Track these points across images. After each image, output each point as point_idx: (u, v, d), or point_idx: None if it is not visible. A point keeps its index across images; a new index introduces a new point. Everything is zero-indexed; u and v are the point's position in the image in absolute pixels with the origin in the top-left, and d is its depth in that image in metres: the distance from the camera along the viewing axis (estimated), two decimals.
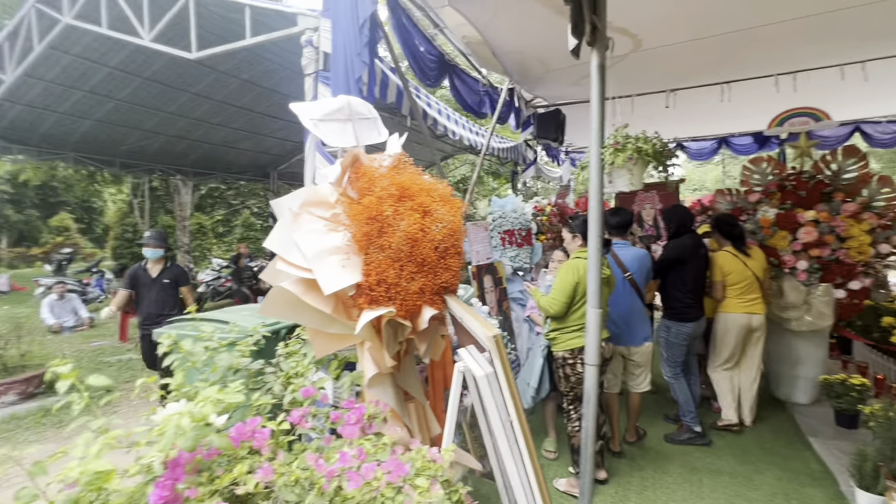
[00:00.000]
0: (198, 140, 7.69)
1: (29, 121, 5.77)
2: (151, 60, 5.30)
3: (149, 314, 3.92)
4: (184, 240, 11.15)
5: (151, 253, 3.93)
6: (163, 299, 3.93)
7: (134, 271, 4.04)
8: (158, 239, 4.02)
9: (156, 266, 3.99)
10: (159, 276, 3.95)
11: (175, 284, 4.01)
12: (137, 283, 3.97)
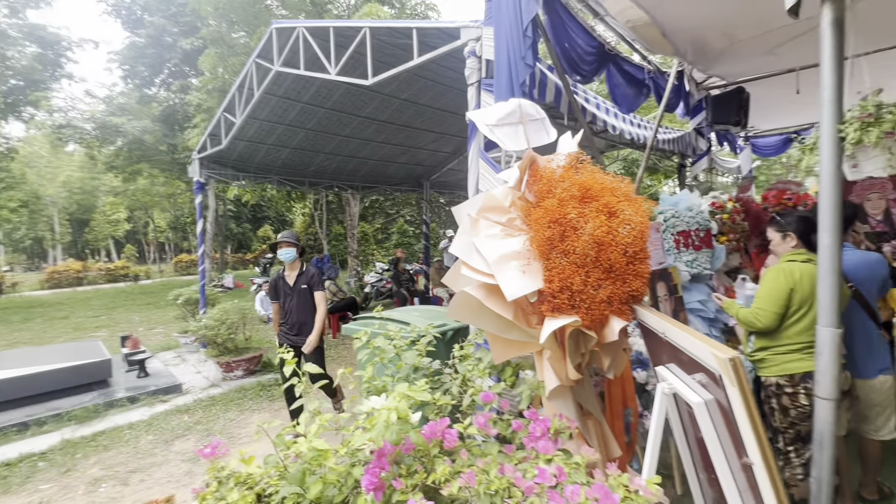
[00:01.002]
0: (365, 157, 8.71)
1: (249, 153, 7.30)
2: (332, 92, 6.19)
3: (291, 324, 3.80)
4: (353, 246, 12.74)
5: (285, 255, 3.71)
6: (302, 307, 3.75)
7: (275, 281, 3.89)
8: (291, 238, 3.78)
9: (292, 272, 3.80)
10: (297, 283, 3.77)
11: (310, 290, 3.76)
12: (279, 292, 3.85)
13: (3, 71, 13.47)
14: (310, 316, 3.74)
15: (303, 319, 3.76)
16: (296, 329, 3.78)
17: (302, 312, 3.75)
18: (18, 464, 3.50)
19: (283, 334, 3.88)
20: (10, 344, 8.02)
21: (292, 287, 3.76)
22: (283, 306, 3.84)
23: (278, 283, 3.85)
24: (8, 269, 26.74)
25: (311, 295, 3.75)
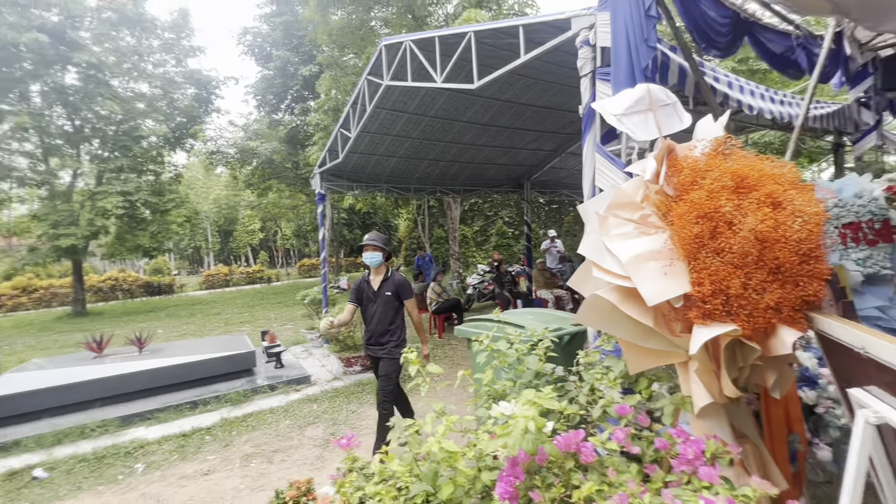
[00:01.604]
0: (466, 161, 8.85)
1: (361, 164, 7.88)
2: (435, 100, 6.39)
3: (372, 332, 3.49)
4: (454, 248, 13.03)
5: (370, 259, 3.40)
6: (384, 315, 3.42)
7: (358, 284, 3.59)
8: (378, 241, 3.44)
9: (377, 277, 3.48)
10: (381, 289, 3.44)
11: (397, 297, 3.44)
12: (361, 297, 3.55)
13: (172, 111, 16.43)
14: (391, 326, 3.44)
15: (383, 329, 3.43)
16: (375, 338, 3.47)
17: (383, 321, 3.41)
18: (192, 435, 4.19)
19: (365, 343, 3.61)
20: (180, 335, 9.69)
21: (376, 293, 3.45)
22: (364, 312, 3.55)
23: (362, 287, 3.55)
24: (177, 273, 32.53)
25: (397, 304, 3.44)
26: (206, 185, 33.55)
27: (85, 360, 5.24)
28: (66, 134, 14.52)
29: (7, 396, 4.34)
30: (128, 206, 13.86)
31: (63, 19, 13.20)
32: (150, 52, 16.06)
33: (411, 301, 3.53)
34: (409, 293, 3.50)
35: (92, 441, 4.10)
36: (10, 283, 17.21)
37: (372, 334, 3.50)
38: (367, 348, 3.61)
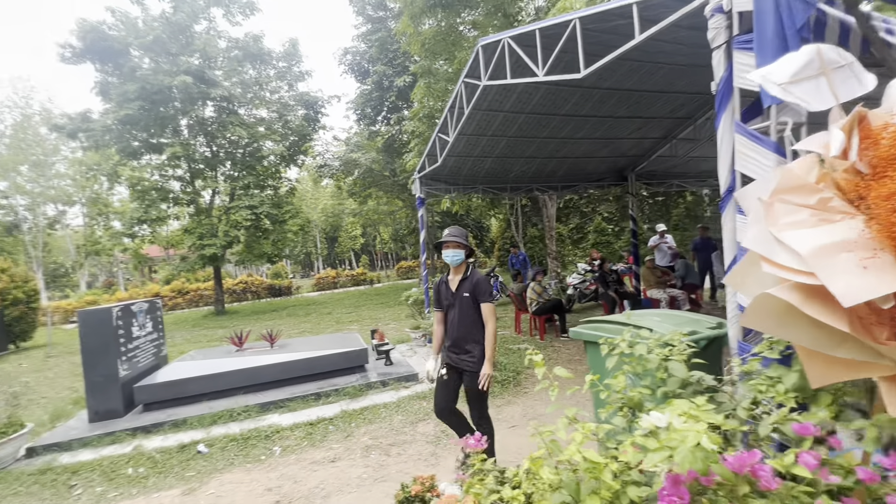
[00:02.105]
0: (564, 157, 8.52)
1: (457, 167, 8.01)
2: (532, 96, 6.24)
3: (454, 339, 3.05)
4: (551, 247, 12.63)
5: (451, 257, 3.01)
6: (465, 319, 2.98)
7: (437, 286, 3.22)
8: (459, 236, 3.04)
9: (456, 276, 3.08)
10: (459, 290, 3.03)
11: (474, 300, 2.98)
12: (440, 299, 3.18)
13: (286, 132, 18.38)
14: (473, 331, 2.98)
15: (464, 335, 2.99)
16: (457, 345, 3.03)
17: (463, 326, 2.99)
18: (317, 424, 4.59)
19: (445, 350, 3.17)
20: (300, 332, 10.74)
21: (454, 294, 3.04)
22: (445, 316, 3.16)
23: (440, 289, 3.16)
24: (292, 277, 36.26)
25: (475, 306, 2.98)
26: (314, 196, 36.98)
27: (229, 353, 6.04)
28: (206, 159, 17.01)
29: (175, 381, 5.17)
30: (254, 218, 15.77)
31: (202, 62, 15.47)
32: (268, 81, 18.13)
33: (489, 306, 2.95)
34: (486, 295, 2.97)
35: (239, 423, 4.70)
36: (169, 286, 20.65)
37: (453, 340, 3.04)
38: (447, 355, 3.12)
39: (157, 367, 5.88)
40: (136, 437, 4.51)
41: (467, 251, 3.07)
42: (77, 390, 6.86)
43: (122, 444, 4.40)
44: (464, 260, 3.07)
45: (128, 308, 5.33)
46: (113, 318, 4.94)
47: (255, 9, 17.25)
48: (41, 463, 4.13)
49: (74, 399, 6.29)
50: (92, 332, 4.84)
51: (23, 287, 12.80)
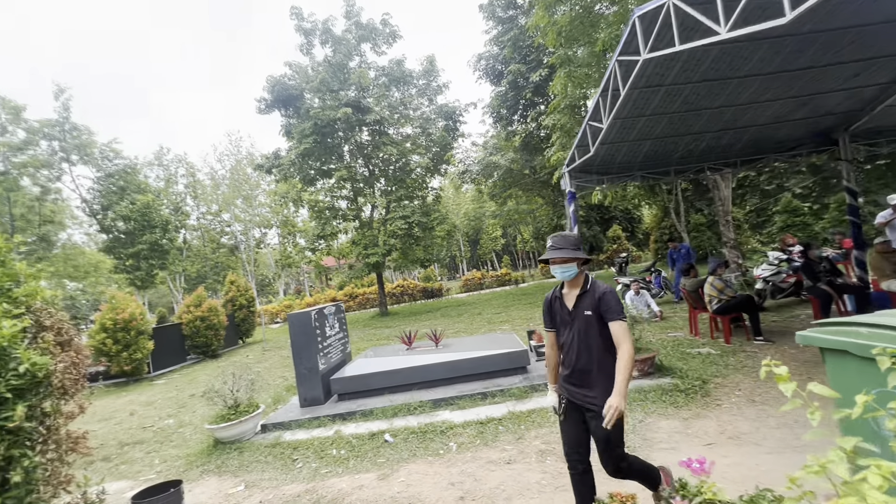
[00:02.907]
0: (744, 126, 7.19)
1: (610, 155, 7.40)
2: (700, 63, 5.38)
3: (570, 367, 2.49)
4: (728, 234, 10.80)
5: (561, 273, 2.48)
6: (586, 344, 2.43)
7: (549, 301, 2.65)
8: (565, 245, 2.48)
9: (572, 290, 2.52)
10: (578, 307, 2.47)
11: (599, 319, 2.41)
12: (554, 318, 2.63)
13: (429, 144, 19.63)
14: (599, 358, 2.39)
15: (586, 363, 2.42)
16: (577, 376, 2.46)
17: (585, 351, 2.42)
18: (487, 424, 4.66)
19: (562, 381, 2.59)
20: (455, 332, 11.25)
21: (571, 313, 2.49)
22: (560, 339, 2.59)
23: (553, 306, 2.62)
24: (440, 279, 38.55)
25: (600, 326, 2.40)
26: (456, 202, 38.79)
27: (401, 351, 6.60)
28: (365, 178, 19.19)
29: (361, 376, 5.85)
30: (406, 226, 17.19)
31: (357, 93, 17.52)
32: (411, 100, 19.63)
33: (621, 325, 2.33)
34: (616, 311, 2.35)
35: (416, 417, 5.07)
36: (342, 291, 23.85)
37: (572, 370, 2.47)
38: (565, 388, 2.54)
39: (343, 362, 6.76)
40: (335, 423, 5.22)
41: (579, 261, 2.46)
42: (287, 379, 8.33)
43: (325, 428, 5.13)
44: (578, 272, 2.48)
45: (321, 311, 6.24)
46: (312, 319, 5.83)
47: (396, 36, 18.88)
48: (272, 438, 5.07)
49: (287, 386, 7.64)
50: (299, 331, 5.78)
51: (245, 295, 16.22)
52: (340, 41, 17.48)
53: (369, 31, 18.21)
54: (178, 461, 5.01)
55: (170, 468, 4.88)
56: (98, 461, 5.39)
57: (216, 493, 4.05)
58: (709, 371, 5.42)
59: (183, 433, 6.13)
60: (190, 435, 5.98)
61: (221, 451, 4.92)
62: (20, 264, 2.97)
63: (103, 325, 10.53)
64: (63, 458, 2.88)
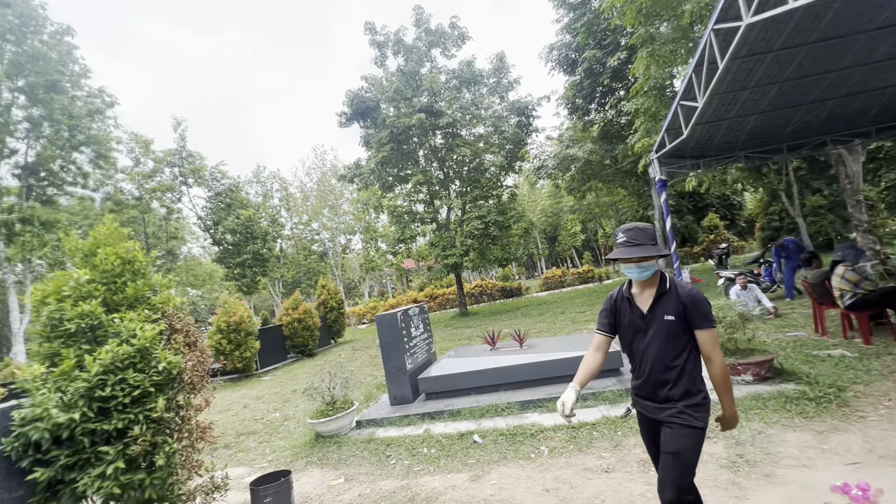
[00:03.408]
0: (879, 87, 6.09)
1: (706, 136, 6.70)
2: (818, 19, 4.65)
3: (646, 380, 2.14)
4: (860, 217, 9.24)
5: (639, 273, 2.10)
6: (664, 353, 2.06)
7: (612, 301, 2.27)
8: (646, 240, 2.08)
9: (646, 289, 2.14)
10: (655, 310, 2.09)
11: (685, 323, 2.04)
12: (619, 320, 2.23)
13: (502, 142, 19.42)
14: (681, 370, 2.05)
15: (663, 374, 2.06)
16: (651, 389, 2.12)
17: (663, 362, 2.06)
18: (580, 429, 4.44)
19: (633, 393, 2.29)
20: (538, 332, 10.96)
21: (645, 316, 2.12)
22: (628, 347, 2.23)
23: (619, 307, 2.24)
24: (518, 278, 37.97)
25: (684, 333, 2.04)
26: (531, 199, 37.98)
27: (485, 352, 6.57)
28: (440, 181, 19.52)
29: (446, 376, 5.92)
30: (483, 226, 17.16)
31: (430, 98, 17.88)
32: (482, 100, 19.58)
33: (712, 333, 2.01)
34: (708, 318, 2.01)
35: (504, 419, 4.99)
36: (423, 292, 24.48)
37: (645, 381, 2.15)
38: (637, 401, 2.26)
39: (429, 362, 6.89)
40: (424, 422, 5.33)
41: (656, 257, 2.08)
42: (377, 377, 8.72)
43: (415, 427, 5.26)
44: (654, 271, 2.12)
45: (406, 312, 6.42)
46: (398, 320, 6.03)
47: (465, 38, 18.97)
48: (366, 434, 5.32)
49: (377, 384, 7.98)
50: (386, 332, 6.01)
51: (335, 297, 17.31)
52: (411, 49, 17.98)
53: (438, 35, 18.51)
54: (286, 452, 5.45)
55: (279, 458, 5.32)
56: (220, 448, 6.06)
57: (319, 483, 4.33)
58: (845, 377, 4.65)
59: (288, 426, 6.67)
60: (294, 428, 6.49)
61: (322, 445, 5.26)
62: (156, 276, 3.43)
63: (219, 326, 11.88)
64: (194, 445, 3.26)
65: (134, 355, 2.79)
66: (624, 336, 2.24)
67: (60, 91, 17.57)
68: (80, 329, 2.79)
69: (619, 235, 2.12)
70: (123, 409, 2.72)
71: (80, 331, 2.80)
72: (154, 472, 2.81)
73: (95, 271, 3.03)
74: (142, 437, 2.71)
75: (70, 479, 2.59)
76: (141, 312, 3.03)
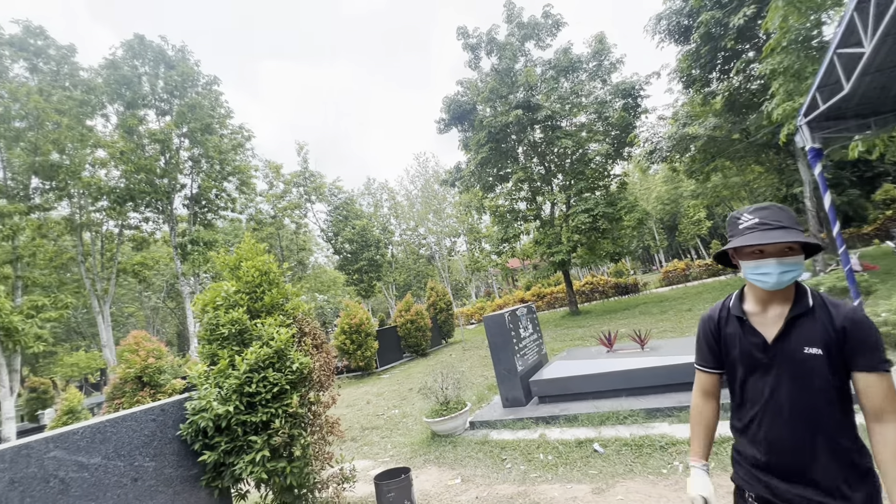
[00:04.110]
0: None
1: (880, 86, 5.38)
2: None
3: (766, 444, 1.39)
4: None
5: (778, 272, 1.34)
6: (800, 401, 1.33)
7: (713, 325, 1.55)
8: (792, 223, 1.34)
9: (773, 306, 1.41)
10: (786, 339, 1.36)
11: (837, 360, 1.29)
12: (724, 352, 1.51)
13: (607, 129, 18.14)
14: (828, 430, 1.30)
15: (801, 439, 1.33)
16: (784, 461, 1.37)
17: (801, 417, 1.33)
18: (721, 444, 3.86)
19: (750, 468, 1.47)
20: (660, 332, 9.95)
21: (770, 347, 1.39)
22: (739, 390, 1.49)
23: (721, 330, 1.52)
24: (633, 273, 35.13)
25: (836, 375, 1.30)
26: (645, 186, 34.87)
27: (601, 354, 6.13)
28: (541, 176, 18.95)
29: (560, 379, 5.65)
30: (590, 220, 16.20)
31: (526, 92, 17.48)
32: (582, 86, 18.54)
33: (884, 379, 1.26)
34: (879, 354, 1.27)
35: (627, 427, 4.58)
36: (529, 291, 24.00)
37: (770, 448, 1.39)
38: (758, 479, 1.43)
39: (540, 363, 6.66)
40: (538, 426, 5.15)
41: (807, 252, 1.37)
42: (487, 378, 8.72)
43: (529, 431, 5.11)
44: (796, 274, 1.36)
45: (514, 312, 6.29)
46: (506, 321, 5.93)
47: (560, 25, 18.18)
48: (480, 435, 5.31)
49: (488, 385, 7.98)
50: (495, 333, 5.95)
51: (443, 299, 17.85)
52: (504, 47, 17.78)
53: (531, 28, 18.02)
54: (405, 448, 5.71)
55: (399, 453, 5.59)
56: (348, 441, 6.59)
57: (437, 482, 4.43)
58: None
59: (406, 423, 6.99)
60: (412, 425, 6.78)
61: (438, 444, 5.39)
62: (287, 285, 3.83)
63: (342, 328, 13.03)
64: (325, 438, 3.55)
65: (272, 356, 3.13)
66: (732, 373, 1.48)
67: (212, 132, 21.01)
68: (231, 333, 3.23)
69: (745, 218, 1.37)
70: (266, 404, 3.07)
71: (231, 335, 3.24)
72: (293, 461, 3.12)
73: (240, 282, 3.49)
74: (281, 429, 3.03)
75: (230, 463, 3.00)
76: (276, 318, 3.41)
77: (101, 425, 2.68)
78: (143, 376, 6.64)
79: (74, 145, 16.65)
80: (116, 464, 2.67)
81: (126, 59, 19.53)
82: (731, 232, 1.42)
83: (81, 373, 24.53)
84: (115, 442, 2.70)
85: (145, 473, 2.79)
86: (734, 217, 1.43)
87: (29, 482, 2.30)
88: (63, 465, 2.45)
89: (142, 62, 19.89)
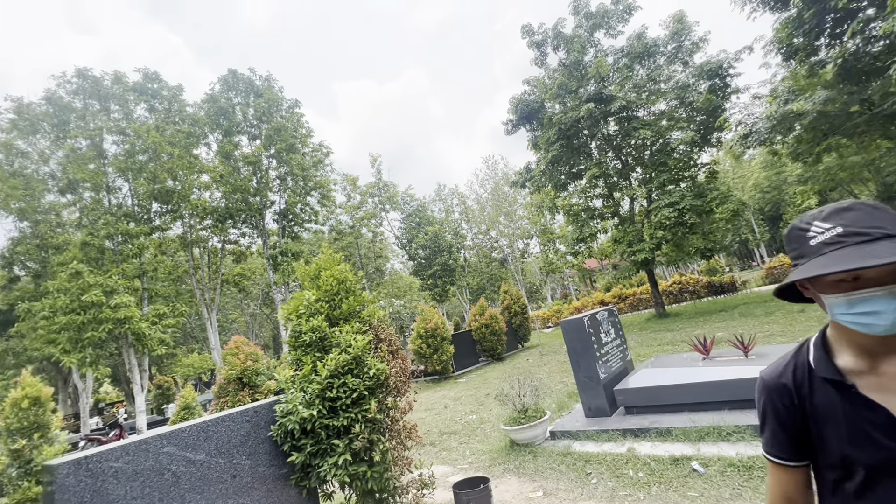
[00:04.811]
0: None
1: None
2: None
3: None
4: None
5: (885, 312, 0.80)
6: None
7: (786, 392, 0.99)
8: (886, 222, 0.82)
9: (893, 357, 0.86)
10: None
11: None
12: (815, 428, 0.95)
13: (691, 114, 16.65)
14: None
15: None
16: None
17: None
18: None
19: None
20: (767, 336, 8.83)
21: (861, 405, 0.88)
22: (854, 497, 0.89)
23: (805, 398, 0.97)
24: (728, 271, 31.79)
25: None
26: (739, 174, 31.49)
27: (695, 361, 5.56)
28: (618, 171, 17.90)
29: (649, 388, 5.20)
30: (676, 214, 14.93)
31: (597, 84, 16.65)
32: (660, 71, 17.23)
33: None
34: None
35: (731, 445, 4.08)
36: (610, 293, 22.73)
37: None
38: None
39: (625, 370, 6.21)
40: (626, 439, 4.78)
41: None
42: (567, 385, 8.34)
43: (616, 444, 4.75)
44: None
45: (593, 316, 5.94)
46: (585, 326, 5.61)
47: (632, 9, 17.12)
48: (561, 447, 5.06)
49: (568, 392, 7.62)
50: (574, 338, 5.66)
51: (518, 302, 17.52)
52: (572, 39, 17.12)
53: (600, 16, 17.16)
54: (483, 455, 5.61)
55: (477, 460, 5.51)
56: (427, 445, 6.65)
57: (517, 494, 4.27)
58: None
59: (484, 429, 6.90)
60: (490, 432, 6.67)
61: (518, 453, 5.23)
62: (364, 293, 3.95)
63: (419, 332, 13.30)
64: (404, 443, 3.59)
65: (351, 362, 3.23)
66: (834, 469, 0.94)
67: (296, 151, 22.76)
68: (312, 340, 3.39)
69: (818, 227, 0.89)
70: (346, 409, 3.17)
71: (312, 342, 3.40)
72: (373, 466, 3.18)
73: (320, 291, 3.66)
74: (361, 434, 3.10)
75: (315, 464, 3.13)
76: (353, 325, 3.52)
77: (205, 424, 2.93)
78: (242, 377, 7.28)
79: (184, 172, 19.00)
80: (218, 461, 2.91)
81: (222, 91, 21.90)
82: (799, 250, 0.93)
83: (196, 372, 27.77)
84: (216, 440, 2.94)
85: (242, 471, 3.01)
86: (797, 228, 0.94)
87: (148, 474, 2.58)
88: (174, 459, 2.71)
89: (235, 93, 22.16)
